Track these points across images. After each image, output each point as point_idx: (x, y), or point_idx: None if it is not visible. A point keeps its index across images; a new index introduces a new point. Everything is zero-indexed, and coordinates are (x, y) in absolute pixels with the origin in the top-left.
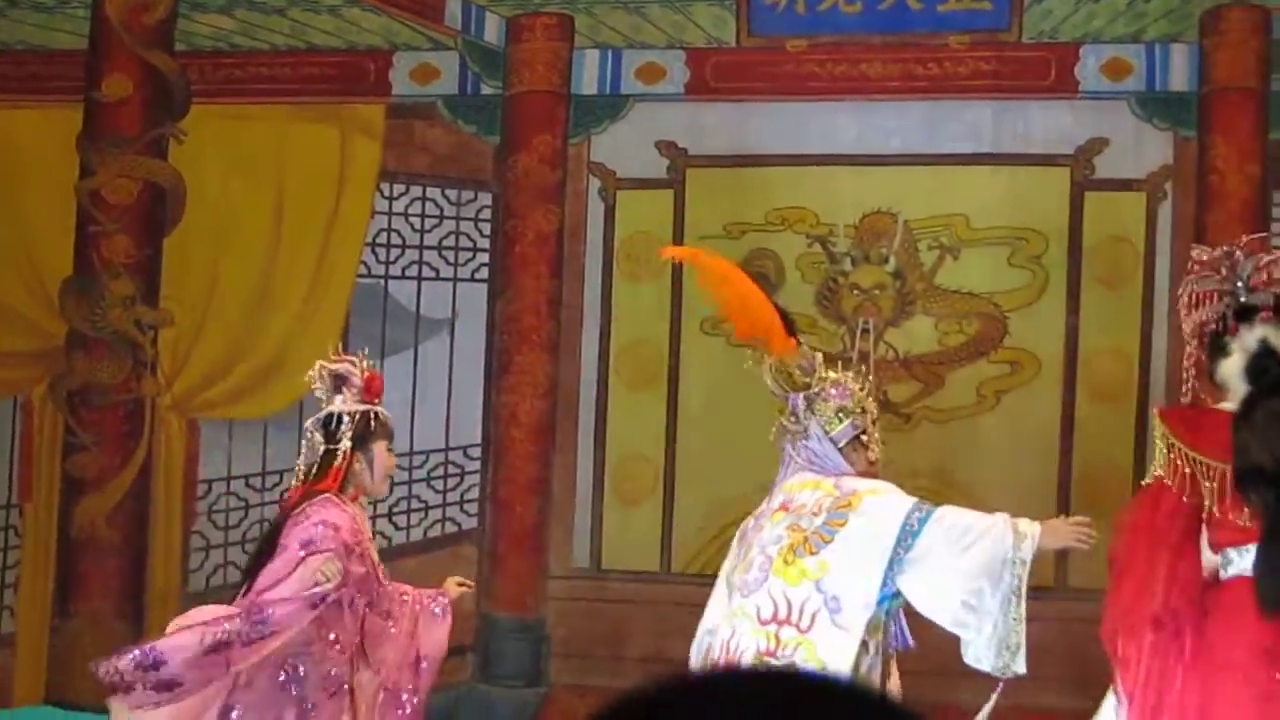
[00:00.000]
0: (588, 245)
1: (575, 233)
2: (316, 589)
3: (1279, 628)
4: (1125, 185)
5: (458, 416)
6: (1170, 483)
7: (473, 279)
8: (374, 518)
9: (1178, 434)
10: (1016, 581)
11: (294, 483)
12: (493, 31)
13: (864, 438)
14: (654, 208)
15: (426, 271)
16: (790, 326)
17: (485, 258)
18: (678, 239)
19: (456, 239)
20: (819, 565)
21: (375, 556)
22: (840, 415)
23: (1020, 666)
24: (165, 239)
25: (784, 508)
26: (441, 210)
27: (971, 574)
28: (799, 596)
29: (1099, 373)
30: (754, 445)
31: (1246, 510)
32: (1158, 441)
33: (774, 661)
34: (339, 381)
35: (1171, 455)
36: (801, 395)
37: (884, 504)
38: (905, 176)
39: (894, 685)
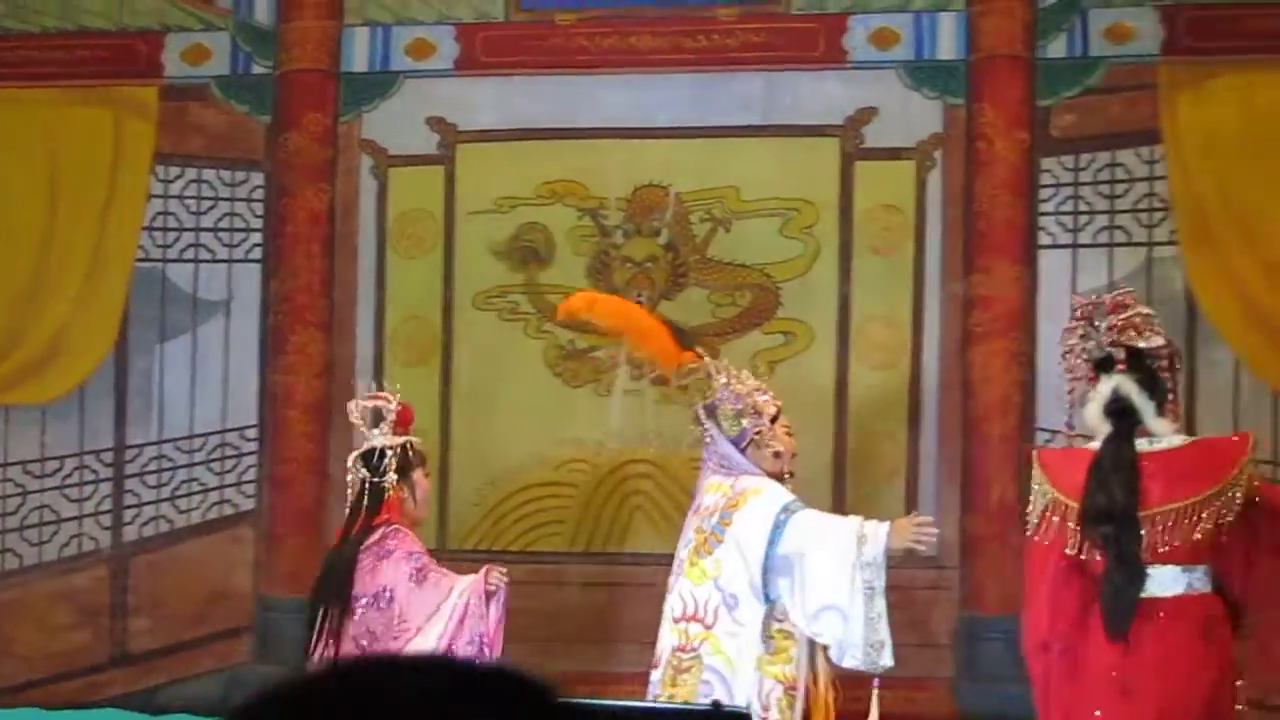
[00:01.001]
0: (360, 223)
1: (348, 211)
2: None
3: (1126, 651)
4: (895, 154)
5: (235, 398)
6: (1042, 520)
7: (247, 260)
8: (155, 502)
9: (1046, 475)
10: (867, 583)
11: (347, 515)
12: (263, 11)
13: (758, 438)
14: (425, 184)
15: (203, 254)
16: (682, 340)
17: (259, 238)
18: (449, 215)
19: (231, 220)
20: (715, 564)
21: None
22: (738, 418)
23: (888, 660)
24: None
25: (695, 510)
26: (216, 191)
27: (821, 578)
28: (703, 595)
29: (872, 341)
30: (526, 419)
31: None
32: (1033, 481)
33: (684, 657)
34: (377, 417)
35: (1042, 496)
36: (701, 404)
37: (761, 504)
38: (676, 149)
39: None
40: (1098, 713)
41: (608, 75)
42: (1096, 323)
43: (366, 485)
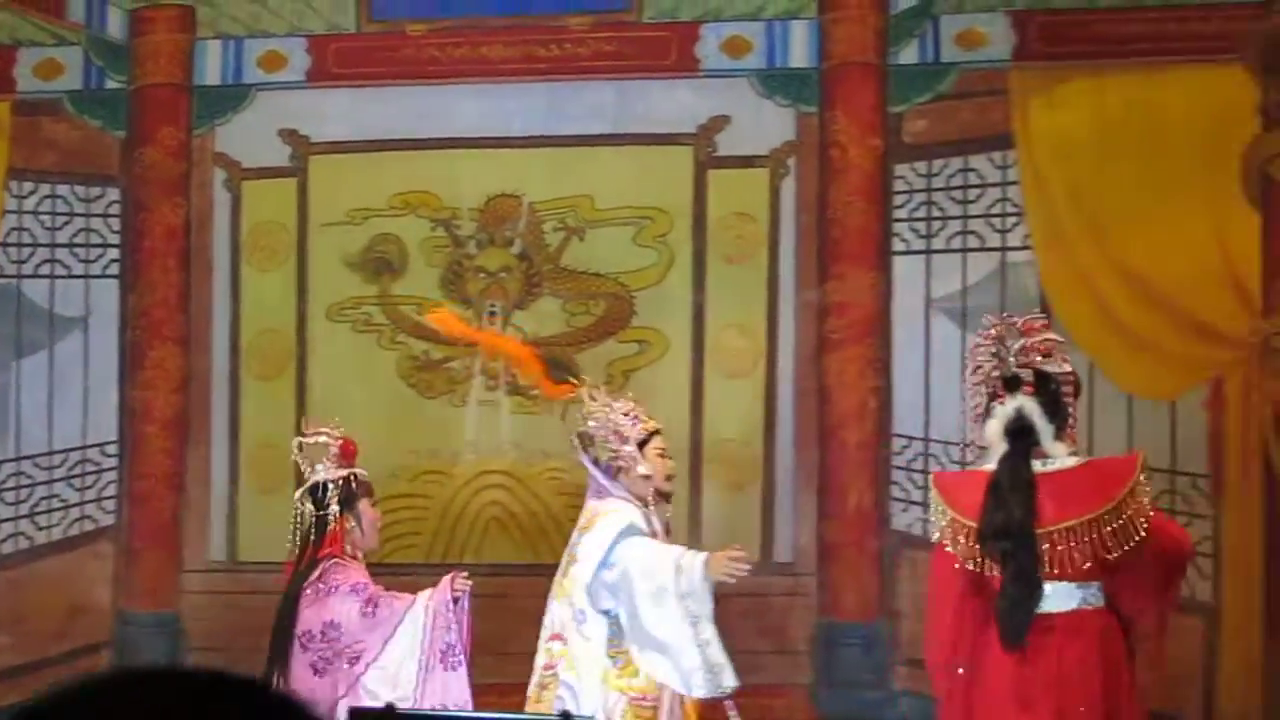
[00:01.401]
0: (215, 237)
1: (203, 225)
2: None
3: (1023, 663)
4: (748, 162)
5: (94, 414)
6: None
7: (104, 275)
8: (14, 519)
9: (943, 497)
10: (691, 614)
11: (290, 552)
12: (116, 25)
13: (622, 463)
14: (278, 197)
15: (59, 270)
16: (556, 375)
17: (116, 253)
18: (302, 227)
19: (88, 235)
20: (570, 583)
21: None
22: (605, 445)
23: (731, 680)
24: None
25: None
26: (71, 207)
27: (645, 609)
28: (561, 613)
29: (726, 349)
30: (381, 431)
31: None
32: (932, 503)
33: (546, 674)
34: (320, 452)
35: (941, 517)
36: (577, 432)
37: (602, 527)
38: (529, 158)
39: None
40: None
41: (460, 85)
42: (1008, 342)
43: (311, 519)
